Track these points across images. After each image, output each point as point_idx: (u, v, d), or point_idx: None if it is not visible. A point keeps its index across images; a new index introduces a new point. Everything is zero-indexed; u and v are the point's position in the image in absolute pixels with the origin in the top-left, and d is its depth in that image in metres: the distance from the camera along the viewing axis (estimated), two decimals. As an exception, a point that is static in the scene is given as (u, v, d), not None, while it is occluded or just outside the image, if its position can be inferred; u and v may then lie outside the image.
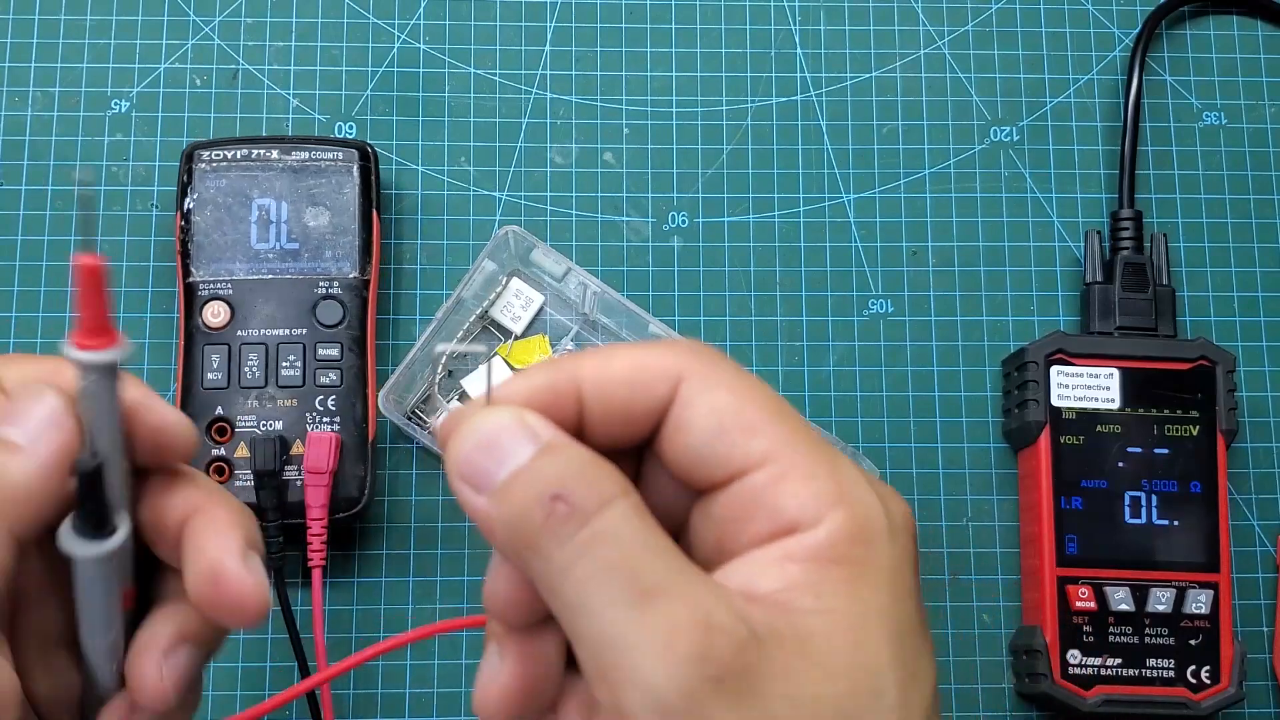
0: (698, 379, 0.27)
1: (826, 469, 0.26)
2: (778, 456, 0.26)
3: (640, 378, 0.27)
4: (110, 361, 0.26)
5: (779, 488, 0.26)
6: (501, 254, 0.51)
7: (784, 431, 0.27)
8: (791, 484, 0.26)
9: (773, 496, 0.26)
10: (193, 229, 0.50)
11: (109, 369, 0.27)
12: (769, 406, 0.27)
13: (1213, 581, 0.50)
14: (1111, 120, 0.56)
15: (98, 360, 0.26)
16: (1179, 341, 0.52)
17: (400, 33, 0.56)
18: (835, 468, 0.27)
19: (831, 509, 0.26)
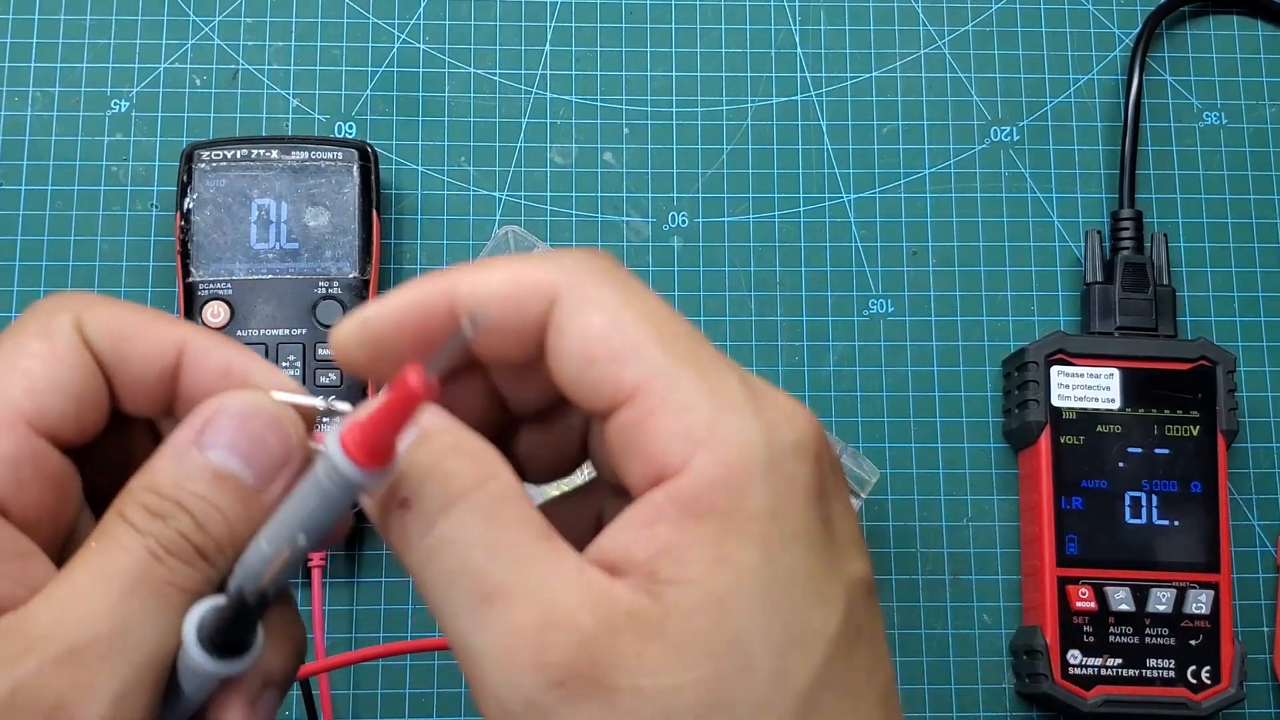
0: (571, 299, 0.24)
1: (704, 397, 0.23)
2: (650, 387, 0.23)
3: (515, 294, 0.25)
4: (369, 484, 0.23)
5: (647, 425, 0.23)
6: (501, 254, 0.51)
7: (660, 357, 0.24)
8: (660, 419, 0.23)
9: (641, 435, 0.23)
10: (192, 229, 0.50)
11: (357, 489, 0.23)
12: (648, 328, 0.24)
13: (1213, 582, 0.50)
14: (1112, 120, 0.56)
15: (364, 480, 0.23)
16: (1179, 341, 0.52)
17: (400, 32, 0.56)
18: (716, 394, 0.23)
19: (698, 448, 0.23)
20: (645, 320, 0.24)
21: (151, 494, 0.24)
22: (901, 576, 0.52)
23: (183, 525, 0.24)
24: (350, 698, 0.50)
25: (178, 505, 0.24)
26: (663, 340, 0.24)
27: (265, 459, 0.24)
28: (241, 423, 0.24)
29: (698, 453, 0.23)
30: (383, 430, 0.22)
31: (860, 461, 0.49)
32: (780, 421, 0.23)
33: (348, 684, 0.50)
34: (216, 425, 0.24)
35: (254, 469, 0.24)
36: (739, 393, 0.24)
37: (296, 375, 0.49)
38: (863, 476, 0.49)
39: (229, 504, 0.24)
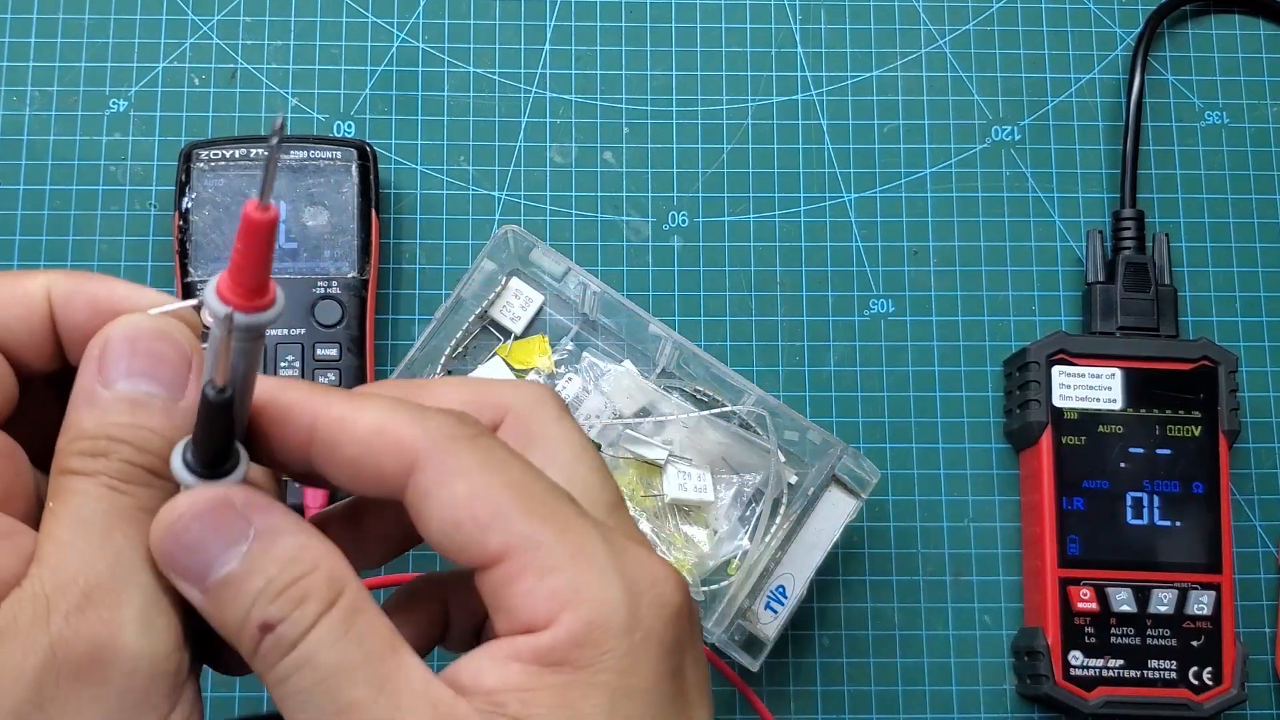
0: (432, 466, 0.25)
1: (567, 558, 0.25)
2: (514, 553, 0.25)
3: (377, 446, 0.26)
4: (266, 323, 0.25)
5: (514, 586, 0.25)
6: (501, 254, 0.51)
7: (523, 522, 0.25)
8: (526, 582, 0.24)
9: (509, 595, 0.25)
10: (191, 229, 0.50)
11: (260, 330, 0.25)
12: (510, 494, 0.25)
13: (1215, 582, 0.50)
14: (1113, 120, 0.56)
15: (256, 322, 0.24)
16: (1181, 342, 0.52)
17: (399, 31, 0.56)
18: (579, 554, 0.25)
19: (563, 609, 0.24)
20: (507, 487, 0.25)
21: (82, 441, 0.25)
22: (902, 577, 0.52)
23: (124, 454, 0.25)
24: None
25: (110, 440, 0.25)
26: (525, 505, 0.25)
27: (169, 371, 0.25)
28: (132, 346, 0.25)
29: (563, 612, 0.24)
30: (244, 268, 0.24)
31: (861, 462, 0.49)
32: (641, 579, 0.25)
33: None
34: (111, 358, 0.25)
35: (162, 383, 0.25)
36: (601, 552, 0.25)
37: (295, 375, 0.49)
38: (863, 477, 0.49)
39: (155, 421, 0.25)
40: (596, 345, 0.52)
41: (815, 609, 0.51)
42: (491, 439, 0.26)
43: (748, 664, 0.47)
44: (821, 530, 0.49)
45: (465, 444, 0.25)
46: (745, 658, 0.47)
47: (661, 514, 0.49)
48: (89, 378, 0.25)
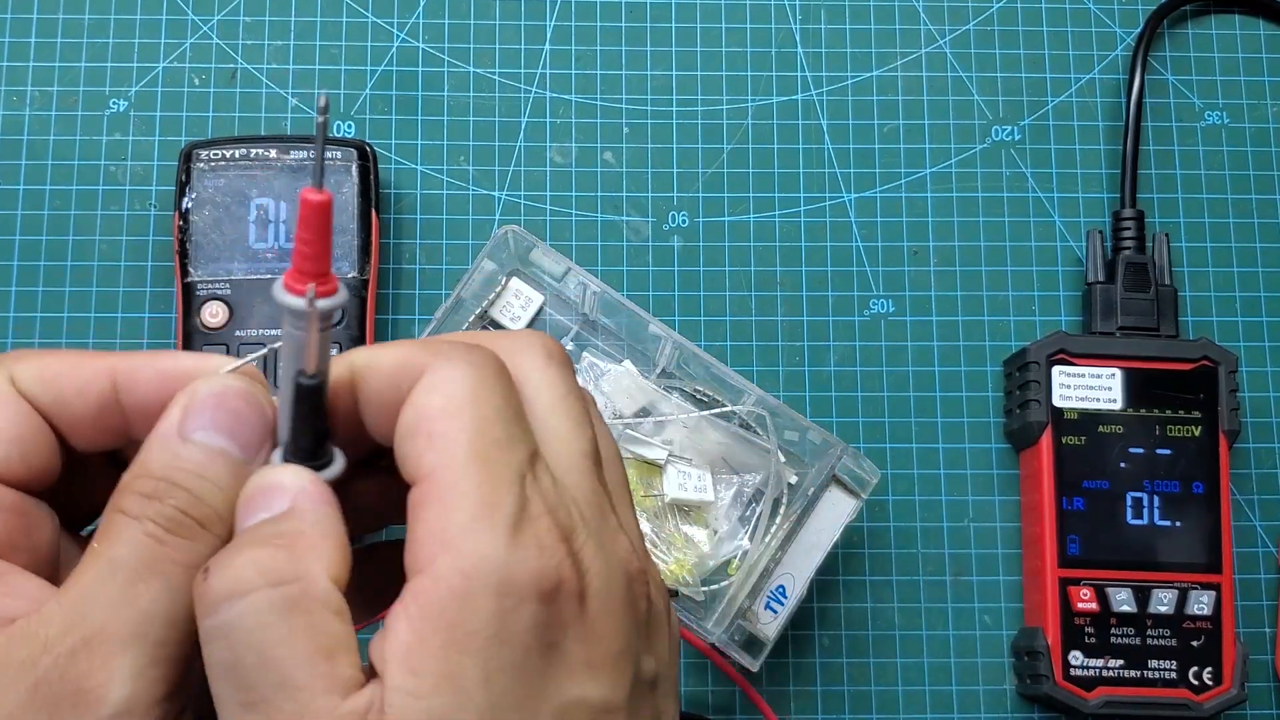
0: (428, 378, 0.25)
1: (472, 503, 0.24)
2: (437, 477, 0.24)
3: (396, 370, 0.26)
4: (339, 305, 0.25)
5: (419, 514, 0.24)
6: (501, 254, 0.51)
7: (462, 453, 0.24)
8: (429, 511, 0.24)
9: (413, 521, 0.24)
10: (191, 229, 0.50)
11: (331, 314, 0.25)
12: (471, 425, 0.25)
13: (1215, 583, 0.50)
14: (1113, 120, 0.56)
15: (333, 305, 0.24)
16: (1181, 342, 0.52)
17: (399, 31, 0.56)
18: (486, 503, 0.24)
19: (444, 551, 0.23)
20: (475, 418, 0.25)
21: (145, 479, 0.25)
22: (902, 577, 0.52)
23: (179, 501, 0.25)
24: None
25: (171, 484, 0.25)
26: (475, 440, 0.25)
27: (248, 432, 0.26)
28: (219, 402, 0.26)
29: (442, 555, 0.23)
30: (312, 255, 0.24)
31: (861, 462, 0.49)
32: (529, 548, 0.24)
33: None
34: (196, 410, 0.26)
35: (239, 442, 0.26)
36: (508, 509, 0.24)
37: (295, 375, 0.49)
38: (863, 477, 0.49)
39: (222, 476, 0.25)
40: (596, 345, 0.52)
41: (815, 609, 0.51)
42: (493, 371, 0.26)
43: (748, 664, 0.47)
44: (821, 530, 0.49)
45: (471, 370, 0.25)
46: (745, 658, 0.47)
47: (661, 514, 0.49)
48: (169, 425, 0.25)
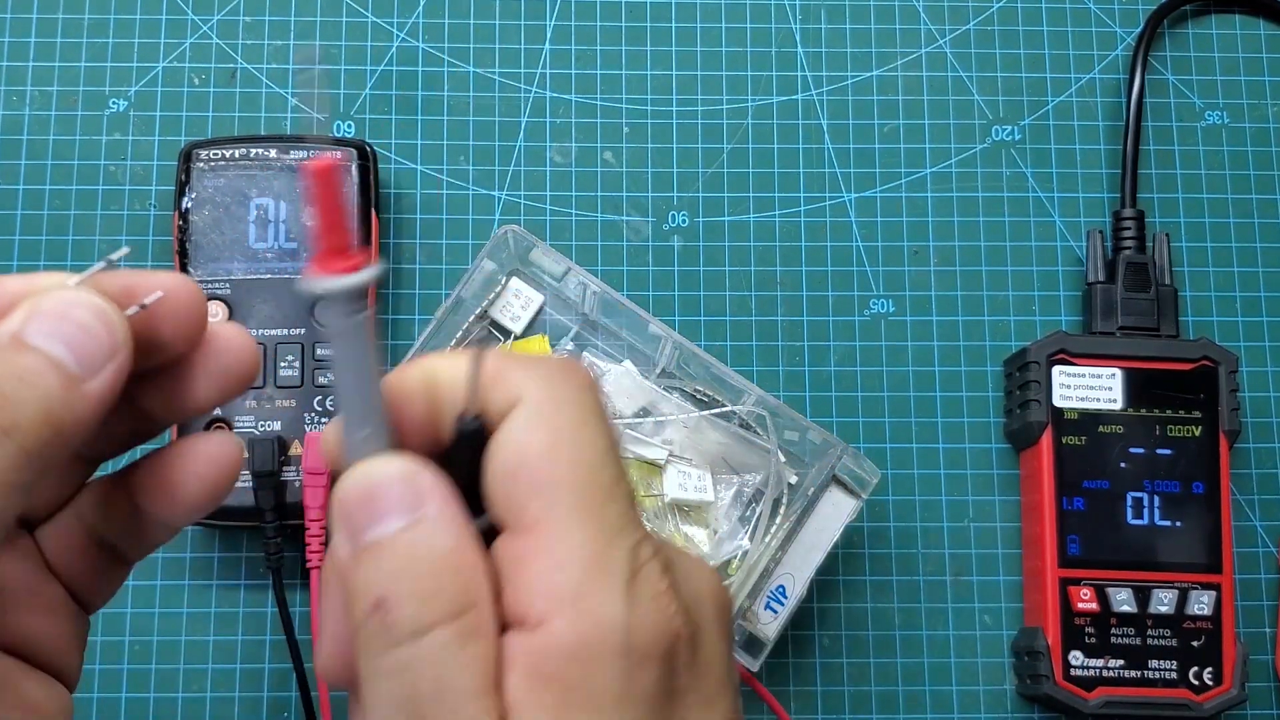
0: (530, 407, 0.25)
1: (583, 560, 0.23)
2: (545, 527, 0.24)
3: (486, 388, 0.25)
4: (366, 283, 0.23)
5: (525, 566, 0.24)
6: (501, 254, 0.51)
7: (567, 505, 0.24)
8: (536, 567, 0.24)
9: (517, 572, 0.24)
10: (191, 229, 0.50)
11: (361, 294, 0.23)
12: (575, 471, 0.24)
13: (1215, 583, 0.50)
14: (1113, 119, 0.56)
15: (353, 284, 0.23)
16: (1181, 342, 0.52)
17: (399, 31, 0.56)
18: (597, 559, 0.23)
19: (559, 610, 0.23)
20: (579, 461, 0.24)
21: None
22: (902, 577, 0.52)
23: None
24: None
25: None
26: (584, 488, 0.24)
27: (92, 347, 0.25)
28: (65, 311, 0.25)
29: (558, 615, 0.23)
30: (330, 227, 0.23)
31: (861, 462, 0.49)
32: (646, 603, 0.24)
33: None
34: (38, 316, 0.25)
35: (77, 355, 0.24)
36: (622, 565, 0.24)
37: (295, 375, 0.49)
38: (864, 477, 0.49)
39: (47, 386, 0.24)
40: (596, 345, 0.52)
41: (815, 609, 0.51)
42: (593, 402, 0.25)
43: (748, 664, 0.47)
44: (821, 530, 0.49)
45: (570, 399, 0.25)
46: (745, 658, 0.47)
47: (661, 514, 0.49)
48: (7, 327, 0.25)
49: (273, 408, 0.48)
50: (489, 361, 0.25)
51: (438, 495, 0.24)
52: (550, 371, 0.25)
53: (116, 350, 0.25)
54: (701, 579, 0.26)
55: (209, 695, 0.49)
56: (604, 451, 0.25)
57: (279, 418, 0.48)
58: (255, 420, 0.48)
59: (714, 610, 0.26)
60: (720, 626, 0.26)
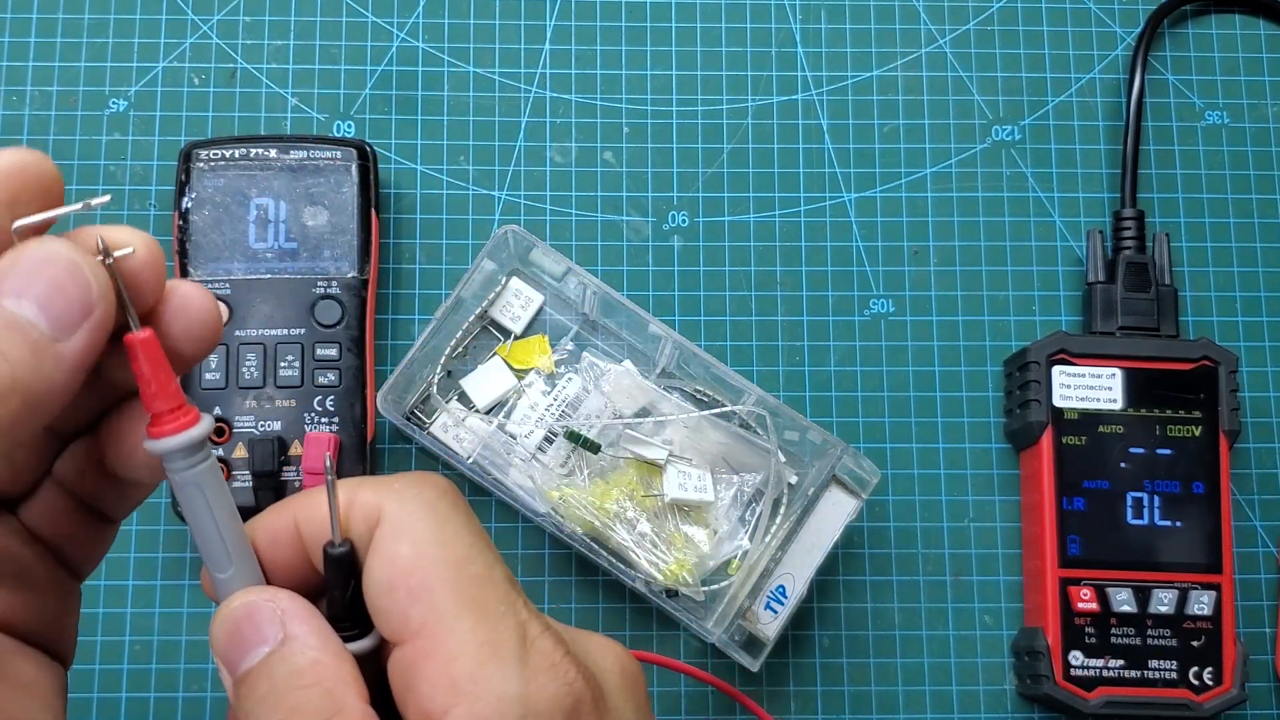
0: (389, 524, 0.26)
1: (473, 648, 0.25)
2: (432, 630, 0.25)
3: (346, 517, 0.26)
4: (194, 440, 0.25)
5: (420, 668, 0.25)
6: (501, 253, 0.51)
7: (448, 602, 0.25)
8: (430, 665, 0.25)
9: (414, 678, 0.25)
10: (190, 228, 0.50)
11: (197, 447, 0.25)
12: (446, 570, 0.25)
13: (1215, 583, 0.50)
14: (1113, 119, 0.56)
15: (183, 442, 0.25)
16: (1181, 342, 0.52)
17: (399, 31, 0.56)
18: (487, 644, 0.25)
19: (459, 700, 0.24)
20: (446, 561, 0.25)
21: None
22: (902, 577, 0.52)
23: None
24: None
25: None
26: (457, 584, 0.25)
27: (64, 307, 0.23)
28: (36, 268, 0.23)
29: (458, 704, 0.24)
30: (157, 396, 0.24)
31: (861, 462, 0.49)
32: (541, 674, 0.25)
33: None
34: (8, 275, 0.23)
35: (49, 316, 0.23)
36: (511, 644, 0.25)
37: (295, 375, 0.49)
38: (863, 477, 0.49)
39: (14, 347, 0.23)
40: (596, 345, 0.52)
41: (815, 609, 0.51)
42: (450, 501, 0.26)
43: (748, 664, 0.47)
44: (821, 530, 0.49)
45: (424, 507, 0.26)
46: (745, 658, 0.47)
47: (661, 514, 0.49)
48: None
49: (273, 408, 0.48)
50: (343, 492, 0.27)
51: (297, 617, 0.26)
52: (402, 487, 0.26)
53: (92, 307, 0.23)
54: (604, 651, 0.27)
55: (209, 695, 0.49)
56: (468, 545, 0.26)
57: (279, 418, 0.48)
58: (255, 420, 0.48)
59: (620, 678, 0.27)
60: (629, 692, 0.27)
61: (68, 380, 0.23)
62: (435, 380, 0.51)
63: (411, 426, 0.50)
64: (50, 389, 0.23)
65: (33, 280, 0.23)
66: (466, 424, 0.50)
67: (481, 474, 0.49)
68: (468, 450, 0.50)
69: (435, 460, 0.51)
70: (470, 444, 0.50)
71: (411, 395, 0.51)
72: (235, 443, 0.48)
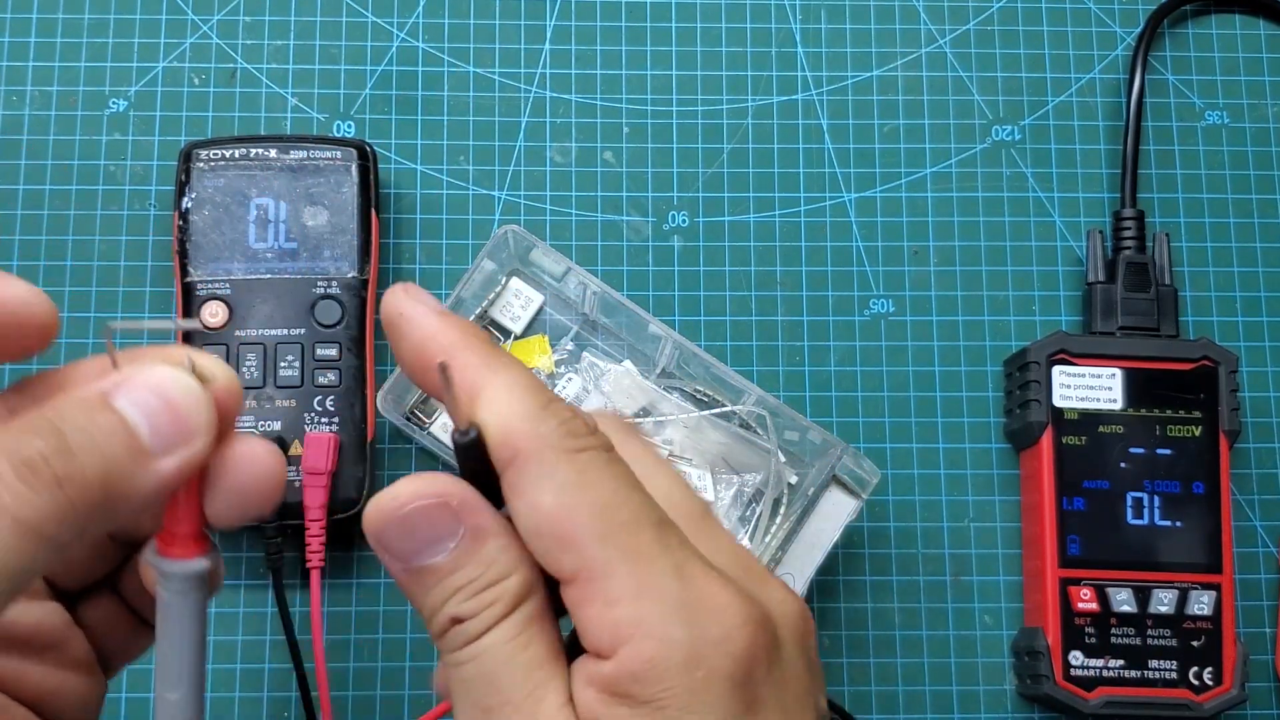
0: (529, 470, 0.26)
1: (631, 592, 0.25)
2: (584, 578, 0.25)
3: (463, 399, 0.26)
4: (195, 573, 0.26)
5: (582, 611, 0.26)
6: (501, 253, 0.51)
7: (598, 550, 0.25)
8: (592, 609, 0.25)
9: (579, 618, 0.26)
10: (190, 228, 0.50)
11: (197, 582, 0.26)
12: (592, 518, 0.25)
13: (1215, 583, 0.50)
14: (1113, 119, 0.56)
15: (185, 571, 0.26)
16: (1181, 341, 0.52)
17: (399, 31, 0.56)
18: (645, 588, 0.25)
19: (622, 642, 0.25)
20: (591, 507, 0.25)
21: (33, 415, 0.24)
22: (902, 577, 0.52)
23: (46, 446, 0.23)
24: (349, 699, 0.49)
25: (51, 426, 0.23)
26: (604, 530, 0.25)
27: (170, 426, 0.24)
28: (156, 384, 0.25)
29: (622, 646, 0.25)
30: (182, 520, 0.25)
31: (861, 462, 0.49)
32: (704, 616, 0.25)
33: (346, 685, 0.50)
34: (130, 381, 0.24)
35: (153, 429, 0.24)
36: (670, 586, 0.25)
37: (295, 375, 0.49)
38: (863, 477, 0.49)
39: (114, 446, 0.24)
40: (596, 345, 0.52)
41: (815, 609, 0.51)
42: (595, 452, 0.26)
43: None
44: (821, 530, 0.49)
45: (564, 456, 0.26)
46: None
47: (661, 514, 0.49)
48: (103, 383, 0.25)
49: (273, 408, 0.48)
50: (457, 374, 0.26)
51: (471, 509, 0.26)
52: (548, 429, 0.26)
53: (194, 437, 0.25)
54: (781, 598, 0.27)
55: (209, 695, 0.49)
56: (614, 491, 0.26)
57: (279, 418, 0.48)
58: (255, 420, 0.48)
59: (793, 630, 0.27)
60: (799, 644, 0.27)
61: (150, 495, 0.24)
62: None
63: (411, 426, 0.50)
64: (131, 497, 0.24)
65: (149, 392, 0.24)
66: (466, 424, 0.50)
67: (481, 474, 0.49)
68: (468, 450, 0.50)
69: (435, 460, 0.51)
70: (470, 444, 0.50)
71: (411, 395, 0.51)
72: (235, 443, 0.48)
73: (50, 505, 0.23)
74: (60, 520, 0.23)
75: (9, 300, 0.26)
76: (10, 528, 0.22)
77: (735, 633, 0.25)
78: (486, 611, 0.26)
